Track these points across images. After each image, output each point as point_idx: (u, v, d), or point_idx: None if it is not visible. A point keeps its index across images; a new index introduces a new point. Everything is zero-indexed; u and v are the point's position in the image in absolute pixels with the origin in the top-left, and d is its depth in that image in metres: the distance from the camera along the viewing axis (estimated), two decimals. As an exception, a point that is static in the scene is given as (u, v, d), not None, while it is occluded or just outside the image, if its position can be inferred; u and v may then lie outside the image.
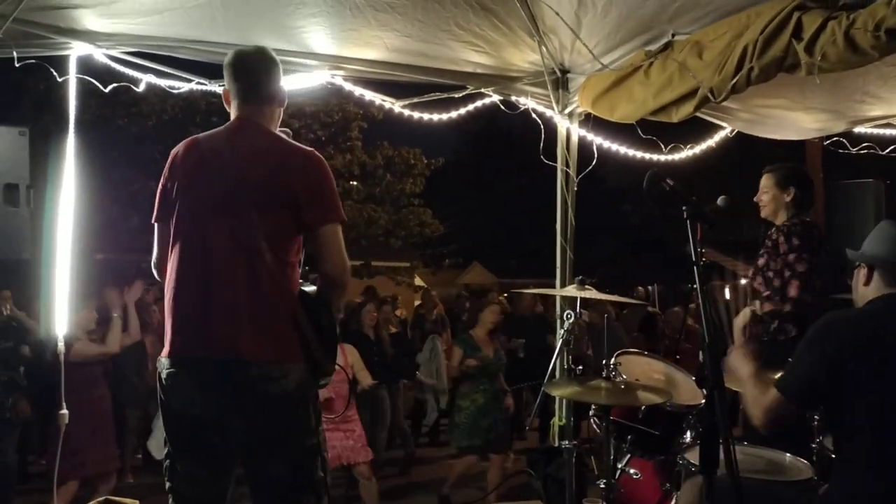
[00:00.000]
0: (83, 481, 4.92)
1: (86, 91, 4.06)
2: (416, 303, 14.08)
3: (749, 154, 9.18)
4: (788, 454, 3.03)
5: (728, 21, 3.51)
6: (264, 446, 2.44)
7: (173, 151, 2.61)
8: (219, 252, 2.44)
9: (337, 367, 2.65)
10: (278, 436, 2.44)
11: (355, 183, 17.29)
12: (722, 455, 2.16)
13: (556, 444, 4.80)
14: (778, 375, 2.46)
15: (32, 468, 6.70)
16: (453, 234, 24.96)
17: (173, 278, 2.49)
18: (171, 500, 2.57)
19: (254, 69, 2.63)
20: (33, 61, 3.70)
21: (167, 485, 2.56)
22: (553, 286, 4.91)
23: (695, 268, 2.33)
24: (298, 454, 2.47)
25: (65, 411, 3.84)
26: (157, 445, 5.33)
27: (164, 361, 2.49)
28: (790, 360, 2.44)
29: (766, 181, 4.07)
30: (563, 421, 4.80)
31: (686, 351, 7.31)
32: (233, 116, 2.63)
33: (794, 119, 5.14)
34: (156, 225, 2.60)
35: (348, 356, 5.56)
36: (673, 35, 3.91)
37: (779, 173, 4.14)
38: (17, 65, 3.55)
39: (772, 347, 3.68)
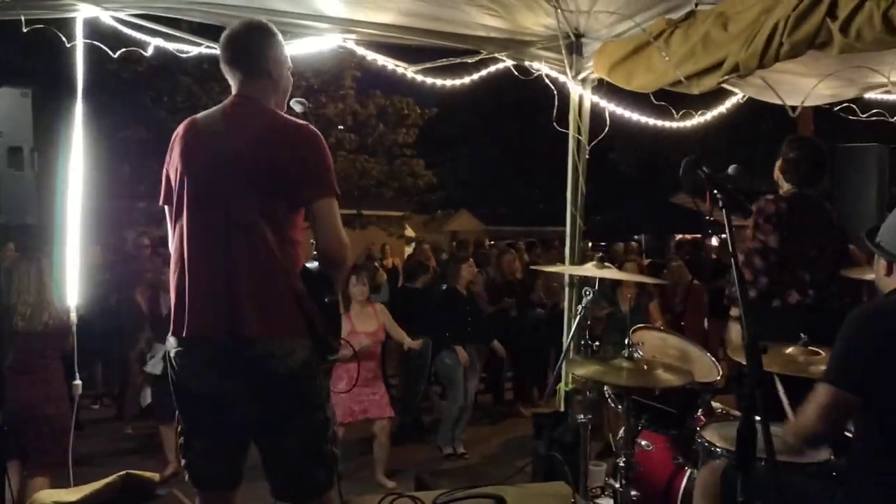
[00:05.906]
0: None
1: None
2: (408, 253, 13.94)
3: (735, 122, 9.10)
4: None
5: (755, -7, 3.42)
6: (273, 422, 2.46)
7: (174, 133, 2.57)
8: (218, 232, 2.40)
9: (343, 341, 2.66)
10: (286, 412, 2.45)
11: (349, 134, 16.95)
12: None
13: (563, 410, 4.87)
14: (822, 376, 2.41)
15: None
16: (442, 183, 24.78)
17: (176, 259, 2.49)
18: (187, 475, 2.60)
19: (243, 46, 2.57)
20: (41, 26, 3.56)
21: (183, 461, 2.59)
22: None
23: (732, 259, 2.32)
24: (307, 429, 2.48)
25: (78, 382, 3.82)
26: (155, 364, 5.75)
27: (171, 340, 2.49)
28: (832, 356, 2.41)
29: None
30: (570, 387, 4.85)
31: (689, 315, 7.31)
32: (232, 93, 2.59)
33: (807, 85, 5.08)
34: (165, 207, 2.59)
35: (380, 315, 5.62)
36: (696, 4, 3.82)
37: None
38: (24, 30, 3.41)
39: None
